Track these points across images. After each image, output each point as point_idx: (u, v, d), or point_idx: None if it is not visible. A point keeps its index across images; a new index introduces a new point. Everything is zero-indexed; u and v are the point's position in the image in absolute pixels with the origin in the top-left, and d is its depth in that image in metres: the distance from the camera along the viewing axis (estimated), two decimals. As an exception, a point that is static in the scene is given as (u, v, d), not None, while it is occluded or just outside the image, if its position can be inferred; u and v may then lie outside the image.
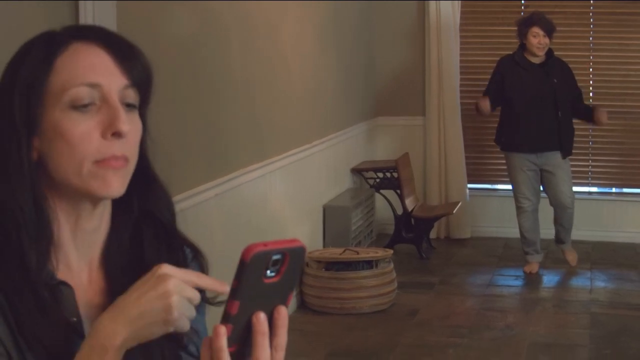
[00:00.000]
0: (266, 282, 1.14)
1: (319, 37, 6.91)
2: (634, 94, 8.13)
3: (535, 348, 5.56)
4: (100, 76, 1.31)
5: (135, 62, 1.34)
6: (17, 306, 1.27)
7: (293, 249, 1.16)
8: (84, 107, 1.30)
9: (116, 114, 1.30)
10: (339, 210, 6.98)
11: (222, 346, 1.14)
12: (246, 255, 1.12)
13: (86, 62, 1.31)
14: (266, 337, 1.17)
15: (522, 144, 7.02)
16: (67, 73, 1.30)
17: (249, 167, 5.44)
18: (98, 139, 1.30)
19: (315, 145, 6.73)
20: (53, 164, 1.32)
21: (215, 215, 4.88)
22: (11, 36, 3.18)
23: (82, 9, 3.46)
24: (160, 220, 1.42)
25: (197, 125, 4.68)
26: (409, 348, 5.57)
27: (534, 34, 6.91)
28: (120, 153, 1.31)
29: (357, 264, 6.25)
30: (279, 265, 1.15)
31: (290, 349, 4.68)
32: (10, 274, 1.27)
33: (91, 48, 1.33)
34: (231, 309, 1.14)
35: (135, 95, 1.35)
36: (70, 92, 1.29)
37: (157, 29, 4.16)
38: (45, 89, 1.30)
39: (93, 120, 1.30)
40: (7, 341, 1.26)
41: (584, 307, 6.37)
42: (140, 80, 1.35)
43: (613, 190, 8.51)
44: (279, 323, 1.18)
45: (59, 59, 1.31)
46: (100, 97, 1.31)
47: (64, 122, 1.30)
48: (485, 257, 7.73)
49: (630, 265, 7.41)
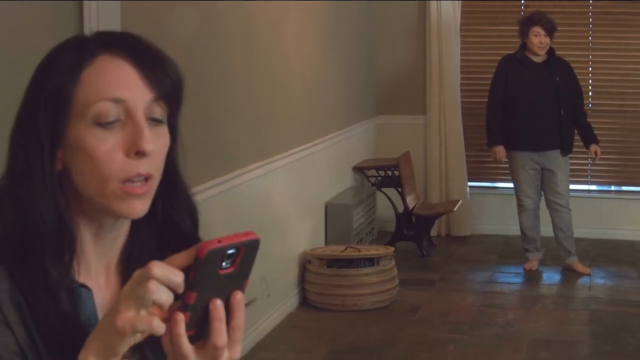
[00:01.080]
0: (221, 273, 1.18)
1: (321, 37, 6.91)
2: (633, 92, 8.12)
3: (535, 344, 5.56)
4: (126, 91, 1.29)
5: (162, 75, 1.32)
6: (36, 310, 1.27)
7: (247, 242, 1.19)
8: (109, 124, 1.28)
9: (140, 132, 1.28)
10: (340, 208, 6.98)
11: (181, 332, 1.18)
12: (200, 252, 1.15)
13: (112, 76, 1.29)
14: (223, 323, 1.20)
15: (524, 143, 7.00)
16: (93, 87, 1.28)
17: (251, 166, 5.44)
18: (122, 158, 1.29)
19: (317, 143, 6.73)
20: (77, 177, 1.31)
21: (218, 213, 4.88)
22: (16, 36, 3.18)
23: (87, 9, 3.46)
24: (181, 228, 1.43)
25: (200, 124, 4.68)
26: (410, 344, 5.57)
27: (535, 33, 6.90)
28: (145, 171, 1.30)
29: (358, 261, 6.25)
30: (234, 257, 1.18)
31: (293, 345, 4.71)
32: (31, 280, 1.28)
33: (117, 61, 1.30)
34: (189, 300, 1.18)
35: (163, 109, 1.33)
36: (94, 107, 1.28)
37: (161, 29, 4.16)
38: (71, 101, 1.28)
39: (117, 137, 1.29)
40: (24, 344, 1.27)
41: (583, 304, 6.37)
42: (168, 92, 1.33)
43: (612, 189, 8.51)
44: (235, 307, 1.22)
45: (85, 72, 1.29)
46: (125, 113, 1.29)
47: (88, 139, 1.28)
48: (485, 254, 7.73)
49: (629, 262, 7.41)
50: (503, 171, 8.51)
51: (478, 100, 8.43)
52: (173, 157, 1.39)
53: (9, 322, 1.27)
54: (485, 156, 8.47)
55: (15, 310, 1.27)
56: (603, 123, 8.08)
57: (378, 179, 7.84)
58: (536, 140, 6.96)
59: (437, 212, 7.88)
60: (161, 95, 1.31)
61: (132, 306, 1.16)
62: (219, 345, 1.20)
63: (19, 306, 1.28)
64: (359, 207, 7.24)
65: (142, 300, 1.16)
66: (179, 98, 1.36)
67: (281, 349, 5.46)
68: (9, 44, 3.08)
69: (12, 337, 1.26)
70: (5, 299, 1.27)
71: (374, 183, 7.85)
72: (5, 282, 1.28)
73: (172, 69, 1.34)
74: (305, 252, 6.37)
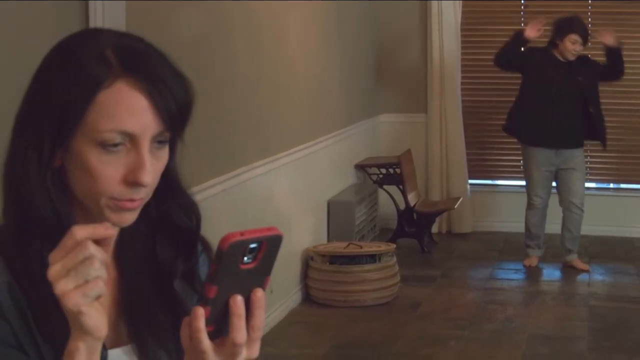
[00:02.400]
0: (243, 268, 1.17)
1: (324, 37, 6.91)
2: (631, 92, 8.11)
3: (534, 340, 5.56)
4: (135, 125, 1.27)
5: (173, 106, 1.30)
6: (34, 301, 1.27)
7: (269, 237, 1.17)
8: (113, 146, 1.27)
9: (141, 165, 1.28)
10: (343, 206, 6.98)
11: (200, 327, 1.17)
12: (223, 244, 1.14)
13: (125, 107, 1.27)
14: (242, 319, 1.19)
15: (542, 139, 6.93)
16: (105, 114, 1.26)
17: (255, 164, 5.44)
18: (119, 183, 1.28)
19: (320, 142, 6.73)
20: (73, 181, 1.31)
21: (222, 210, 4.88)
22: (22, 35, 3.18)
23: (92, 9, 3.45)
24: (176, 223, 1.42)
25: (205, 123, 4.68)
26: (411, 340, 5.57)
27: (572, 41, 6.78)
28: (138, 197, 1.30)
29: (360, 258, 6.25)
30: (256, 252, 1.17)
31: (295, 340, 4.70)
32: (29, 271, 1.28)
33: (133, 91, 1.27)
34: (209, 293, 1.16)
35: (168, 134, 1.32)
36: (102, 134, 1.26)
37: (166, 28, 4.16)
38: (81, 119, 1.27)
39: (119, 162, 1.28)
40: (22, 335, 1.27)
41: (582, 300, 6.37)
42: (175, 122, 1.31)
43: (611, 186, 8.51)
44: (256, 305, 1.20)
45: (101, 94, 1.27)
46: (131, 141, 1.28)
47: (90, 158, 1.27)
48: (485, 251, 7.72)
49: (628, 259, 7.41)
50: (503, 169, 8.53)
51: (479, 98, 8.46)
52: (170, 166, 1.38)
53: (5, 314, 1.26)
54: (486, 154, 8.49)
55: (13, 302, 1.27)
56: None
57: (380, 177, 7.84)
58: (554, 137, 6.88)
59: (438, 209, 7.88)
60: (167, 127, 1.31)
61: (70, 281, 1.16)
62: (238, 342, 1.19)
63: (16, 298, 1.27)
64: (361, 205, 7.24)
65: (81, 272, 1.16)
66: (185, 122, 1.34)
67: (284, 344, 5.46)
68: (14, 44, 3.08)
69: (8, 329, 1.26)
70: (3, 290, 1.27)
71: (376, 181, 7.85)
72: (4, 274, 1.28)
73: (185, 97, 1.32)
74: (308, 248, 6.37)
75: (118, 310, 1.39)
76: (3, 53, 2.98)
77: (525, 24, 7.60)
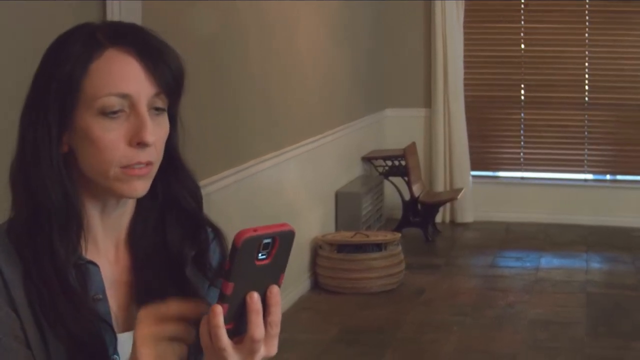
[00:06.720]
0: (258, 264, 1.15)
1: (332, 35, 6.90)
2: (627, 87, 8.09)
3: (534, 325, 5.55)
4: (131, 86, 1.28)
5: (166, 70, 1.31)
6: (41, 287, 1.26)
7: (282, 232, 1.15)
8: (113, 113, 1.28)
9: (143, 124, 1.28)
10: (350, 197, 6.97)
11: (219, 324, 1.15)
12: (237, 240, 1.12)
13: (118, 71, 1.29)
14: (260, 315, 1.17)
15: None
16: (100, 80, 1.28)
17: (265, 156, 5.43)
18: (124, 147, 1.29)
19: (328, 135, 6.72)
20: (82, 161, 1.31)
21: (233, 201, 4.88)
22: (39, 35, 3.17)
23: (109, 8, 3.45)
24: (183, 206, 1.41)
25: (217, 117, 4.68)
26: (415, 325, 5.56)
27: None
28: (145, 159, 1.30)
29: (367, 247, 6.24)
30: (270, 248, 1.15)
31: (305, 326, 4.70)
32: (39, 258, 1.27)
33: (124, 56, 1.29)
34: (226, 290, 1.14)
35: (164, 100, 1.33)
36: (101, 100, 1.28)
37: (181, 26, 4.16)
38: (79, 92, 1.28)
39: (121, 127, 1.29)
40: (27, 321, 1.26)
41: (580, 287, 6.35)
42: (170, 86, 1.32)
43: (608, 177, 8.48)
44: (272, 301, 1.19)
45: (93, 64, 1.29)
46: (130, 105, 1.29)
47: (94, 128, 1.28)
48: (487, 240, 7.71)
49: (624, 248, 7.38)
50: (504, 161, 8.52)
51: (481, 93, 8.44)
52: (173, 142, 1.38)
53: (16, 305, 1.26)
54: (488, 147, 8.48)
55: (25, 292, 1.26)
56: (599, 115, 8.11)
57: (385, 169, 7.83)
58: None
59: (442, 200, 7.88)
60: (163, 90, 1.31)
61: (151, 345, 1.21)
62: (256, 338, 1.17)
63: (27, 288, 1.27)
64: (368, 196, 7.24)
65: None
66: (180, 90, 1.35)
67: (294, 330, 5.46)
68: (32, 44, 3.08)
69: (17, 321, 1.25)
70: (15, 281, 1.27)
71: (382, 172, 7.84)
72: (17, 265, 1.28)
73: (175, 63, 1.33)
74: (316, 238, 6.37)
75: (130, 294, 1.38)
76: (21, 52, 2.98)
77: (526, 22, 7.58)
